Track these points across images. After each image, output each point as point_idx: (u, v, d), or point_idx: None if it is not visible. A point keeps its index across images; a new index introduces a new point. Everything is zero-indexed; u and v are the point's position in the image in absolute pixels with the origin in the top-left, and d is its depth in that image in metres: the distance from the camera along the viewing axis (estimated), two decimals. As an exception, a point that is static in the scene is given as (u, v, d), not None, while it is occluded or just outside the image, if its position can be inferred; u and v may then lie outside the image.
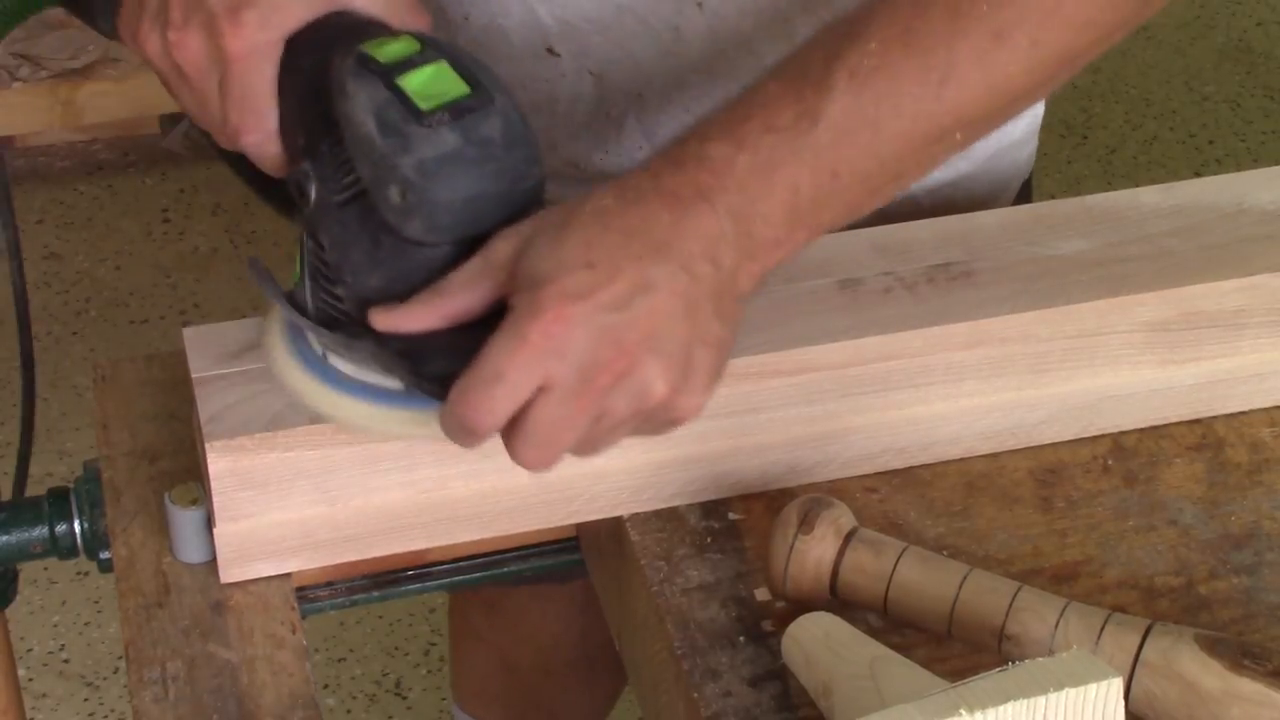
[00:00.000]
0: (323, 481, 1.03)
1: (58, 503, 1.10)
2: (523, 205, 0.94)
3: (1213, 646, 0.92)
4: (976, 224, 1.15)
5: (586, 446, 0.93)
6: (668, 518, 1.08)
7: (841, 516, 1.01)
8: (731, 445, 1.08)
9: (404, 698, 2.30)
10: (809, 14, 1.15)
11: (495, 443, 1.04)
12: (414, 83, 0.93)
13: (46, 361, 2.69)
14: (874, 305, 1.08)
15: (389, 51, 0.94)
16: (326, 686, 2.29)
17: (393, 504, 1.05)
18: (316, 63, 0.96)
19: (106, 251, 2.89)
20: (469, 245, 0.94)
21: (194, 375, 1.04)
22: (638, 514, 1.08)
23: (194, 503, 1.05)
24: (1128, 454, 1.13)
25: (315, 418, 1.00)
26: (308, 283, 0.98)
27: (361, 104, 0.93)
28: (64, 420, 2.60)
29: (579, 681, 1.72)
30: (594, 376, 0.90)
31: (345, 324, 0.96)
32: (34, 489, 1.14)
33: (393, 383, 0.98)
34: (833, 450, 1.10)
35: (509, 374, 0.90)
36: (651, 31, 1.17)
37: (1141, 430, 1.14)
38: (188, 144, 3.03)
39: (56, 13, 2.83)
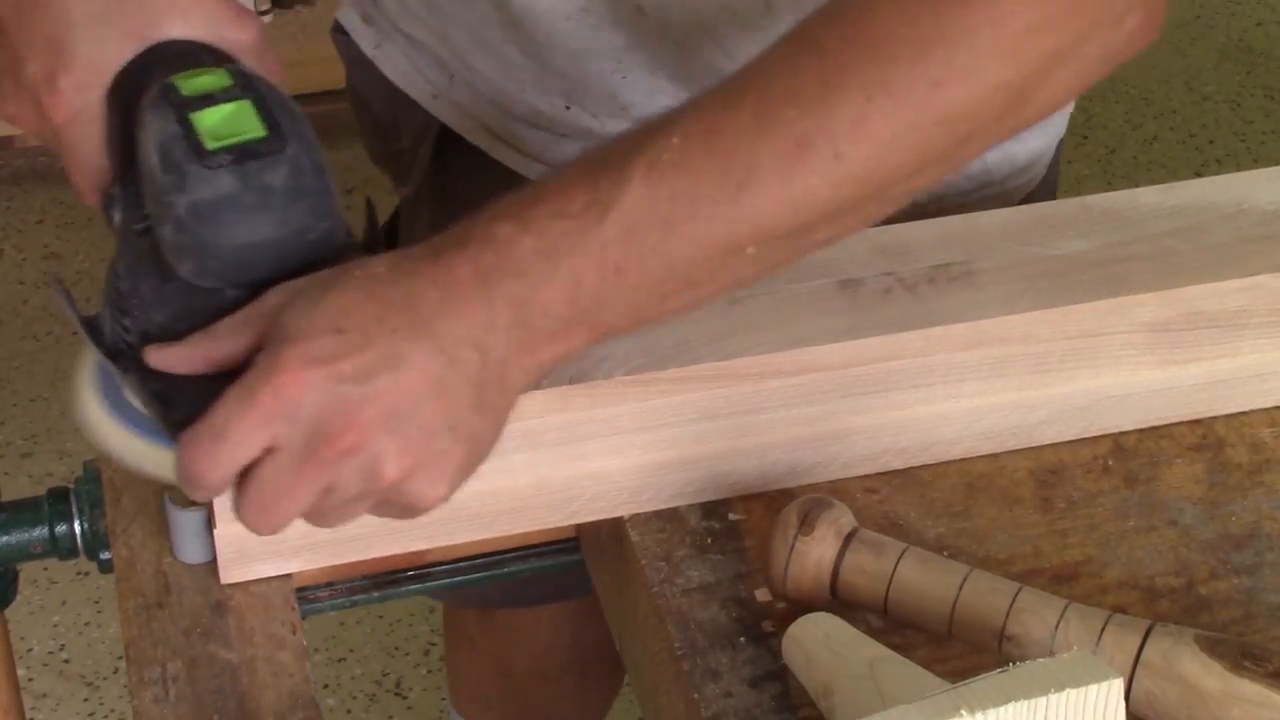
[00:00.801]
0: (323, 482, 1.03)
1: (58, 503, 1.10)
2: (309, 258, 0.91)
3: (1213, 647, 0.92)
4: (976, 224, 1.15)
5: (316, 517, 0.90)
6: (668, 518, 1.08)
7: (842, 517, 1.01)
8: (731, 445, 1.08)
9: (404, 698, 2.30)
10: None
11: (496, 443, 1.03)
12: (209, 120, 0.90)
13: (46, 361, 2.69)
14: (874, 305, 1.08)
15: (195, 84, 0.91)
16: (326, 686, 2.29)
17: (393, 504, 1.05)
18: (132, 92, 0.93)
19: (106, 251, 2.88)
20: (252, 291, 0.91)
21: (194, 375, 1.04)
22: (638, 514, 1.08)
23: (194, 503, 1.05)
24: (1128, 454, 1.13)
25: (98, 449, 0.97)
26: (106, 308, 0.95)
27: (151, 136, 0.90)
28: (64, 420, 2.59)
29: (573, 686, 1.72)
30: (320, 447, 0.86)
31: (125, 355, 0.94)
32: (34, 489, 1.14)
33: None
34: (833, 451, 1.10)
35: (233, 430, 0.87)
36: (738, 15, 1.15)
37: (1142, 430, 1.14)
38: (188, 144, 3.03)
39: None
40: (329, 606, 1.10)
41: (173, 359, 0.91)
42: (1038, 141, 1.28)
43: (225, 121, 0.90)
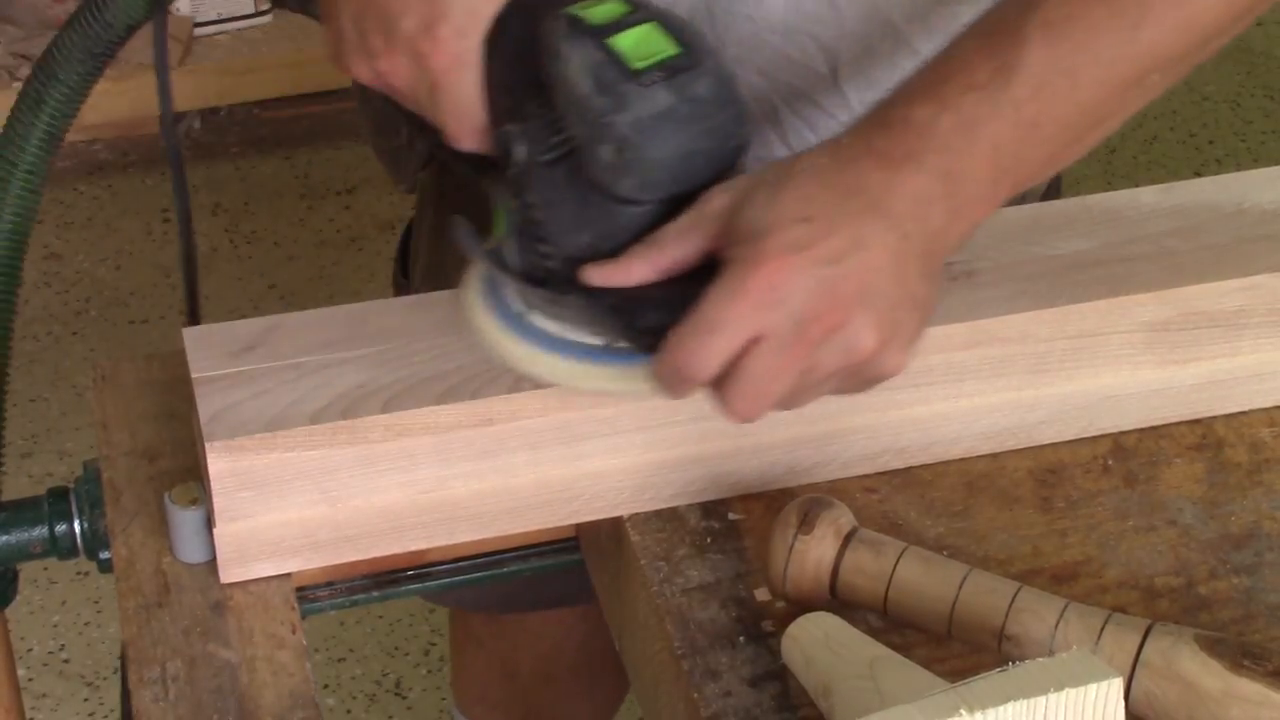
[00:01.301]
0: (323, 481, 1.03)
1: (58, 503, 1.10)
2: (729, 164, 0.96)
3: (1213, 647, 0.92)
4: (977, 224, 1.15)
5: (793, 399, 0.95)
6: (668, 518, 1.08)
7: (841, 517, 1.01)
8: (731, 445, 1.08)
9: (404, 698, 2.30)
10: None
11: (494, 442, 1.04)
12: (625, 43, 0.94)
13: (46, 361, 2.69)
14: (874, 305, 1.08)
15: (598, 14, 0.96)
16: (326, 686, 2.29)
17: (393, 504, 1.05)
18: (520, 30, 0.98)
19: (106, 251, 2.89)
20: (673, 204, 0.95)
21: (194, 375, 1.04)
22: (638, 514, 1.08)
23: (194, 503, 1.05)
24: (1128, 454, 1.13)
25: (515, 374, 1.02)
26: (514, 240, 0.99)
27: (575, 65, 0.94)
28: (64, 420, 2.60)
29: (581, 689, 1.72)
30: (808, 328, 0.92)
31: (553, 280, 0.98)
32: (34, 489, 1.14)
33: (591, 339, 0.99)
34: (833, 450, 1.10)
35: (727, 323, 0.91)
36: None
37: (1141, 430, 1.14)
38: (188, 144, 3.03)
39: (56, 13, 2.83)
40: (329, 606, 1.10)
41: (620, 274, 0.95)
42: None
43: (640, 43, 0.95)
